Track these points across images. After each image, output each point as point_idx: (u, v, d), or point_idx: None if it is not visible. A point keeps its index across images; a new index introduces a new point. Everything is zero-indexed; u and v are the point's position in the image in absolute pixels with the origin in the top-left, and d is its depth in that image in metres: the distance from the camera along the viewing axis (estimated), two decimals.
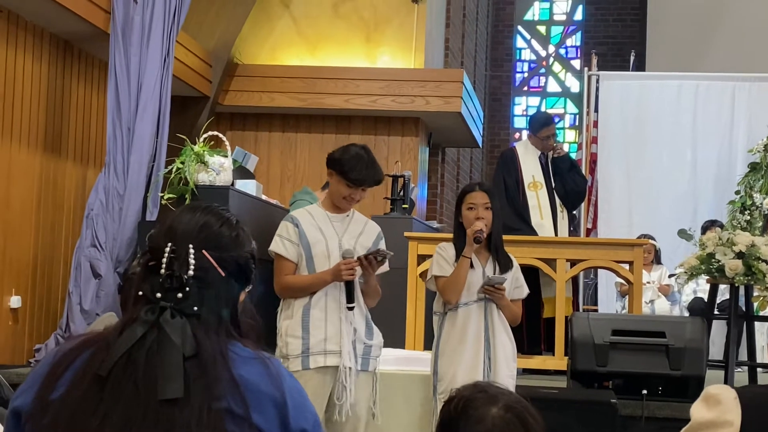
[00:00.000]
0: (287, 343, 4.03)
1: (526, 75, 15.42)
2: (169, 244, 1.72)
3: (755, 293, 5.99)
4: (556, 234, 6.84)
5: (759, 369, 6.03)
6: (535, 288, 6.26)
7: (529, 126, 7.30)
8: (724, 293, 6.94)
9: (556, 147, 7.01)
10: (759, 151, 8.60)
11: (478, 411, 1.82)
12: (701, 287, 7.94)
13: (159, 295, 1.68)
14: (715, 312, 6.53)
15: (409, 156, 9.06)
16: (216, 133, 6.02)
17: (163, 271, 1.70)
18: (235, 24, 8.70)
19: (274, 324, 4.23)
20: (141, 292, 1.70)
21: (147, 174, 6.45)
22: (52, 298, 6.69)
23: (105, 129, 6.59)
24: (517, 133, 14.91)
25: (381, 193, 8.65)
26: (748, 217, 8.29)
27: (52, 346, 6.08)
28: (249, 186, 6.30)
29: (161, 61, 6.63)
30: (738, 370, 6.10)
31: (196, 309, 1.69)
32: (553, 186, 6.95)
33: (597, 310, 9.08)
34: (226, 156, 5.95)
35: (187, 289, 1.69)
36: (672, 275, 8.43)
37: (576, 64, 15.14)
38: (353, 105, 8.89)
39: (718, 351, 6.84)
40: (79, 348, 1.69)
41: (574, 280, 6.90)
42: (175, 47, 6.85)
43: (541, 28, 15.46)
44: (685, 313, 8.20)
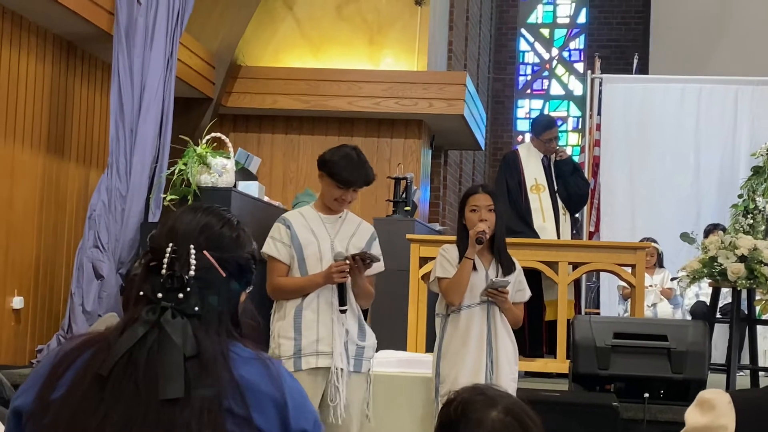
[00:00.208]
0: (279, 345, 4.02)
1: (529, 78, 15.41)
2: (171, 245, 1.72)
3: (757, 297, 5.98)
4: (559, 237, 6.83)
5: (761, 373, 6.02)
6: (537, 291, 6.24)
7: (532, 129, 7.29)
8: (727, 297, 6.93)
9: (558, 150, 7.00)
10: (762, 154, 8.60)
11: (477, 414, 1.82)
12: (704, 291, 7.93)
13: (160, 295, 1.68)
14: (718, 315, 6.52)
15: (412, 158, 9.06)
16: (219, 134, 6.02)
17: (164, 271, 1.70)
18: (238, 26, 8.70)
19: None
20: (142, 292, 1.71)
21: (149, 175, 6.46)
22: (54, 298, 6.69)
23: (108, 130, 6.60)
24: (520, 136, 14.90)
25: (383, 196, 8.66)
26: (751, 221, 8.29)
27: (54, 346, 6.09)
28: (251, 188, 6.29)
29: (164, 62, 6.64)
30: (740, 373, 6.09)
31: (197, 309, 1.69)
32: (555, 189, 6.94)
33: (599, 313, 9.07)
34: (229, 158, 5.95)
35: (188, 289, 1.69)
36: (674, 278, 8.42)
37: (579, 67, 15.13)
38: (356, 107, 8.89)
39: (720, 355, 6.83)
40: (80, 348, 1.69)
41: (577, 283, 6.90)
42: (178, 49, 6.86)
43: (545, 31, 15.45)
44: (688, 317, 8.19)
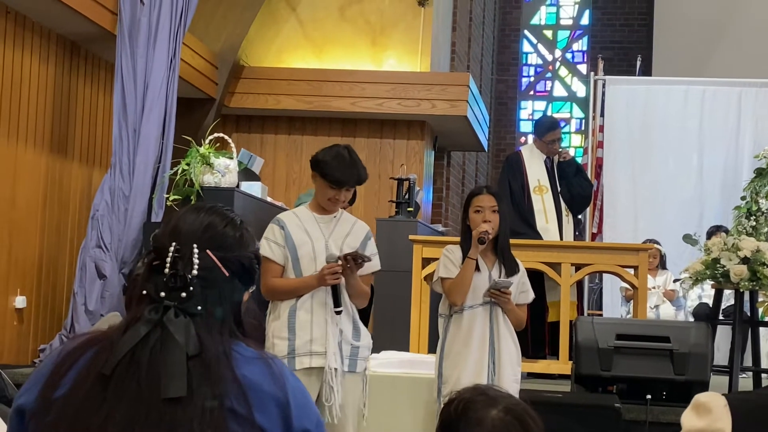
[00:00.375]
0: (274, 345, 4.02)
1: (533, 79, 15.41)
2: (174, 244, 1.72)
3: (760, 299, 5.98)
4: (562, 238, 6.83)
5: (763, 375, 6.02)
6: (540, 292, 6.24)
7: (535, 130, 7.28)
8: (729, 299, 6.93)
9: (561, 152, 7.00)
10: (765, 156, 8.58)
11: (478, 413, 1.82)
12: (706, 293, 7.93)
13: (163, 294, 1.68)
14: (720, 317, 6.52)
15: (415, 159, 9.06)
16: (222, 135, 6.03)
17: (167, 270, 1.70)
18: (241, 26, 8.71)
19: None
20: (145, 292, 1.71)
21: (152, 175, 6.46)
22: (57, 298, 6.70)
23: (111, 130, 6.60)
24: (523, 138, 14.89)
25: (386, 197, 8.66)
26: (754, 223, 8.27)
27: (56, 346, 6.09)
28: (254, 188, 6.30)
29: (168, 62, 6.64)
30: (742, 375, 6.09)
31: (199, 308, 1.69)
32: (558, 190, 6.94)
33: (602, 315, 9.06)
34: (232, 158, 5.95)
35: (191, 288, 1.69)
36: (677, 280, 8.42)
37: (582, 68, 15.13)
38: (359, 108, 8.89)
39: (722, 356, 6.83)
40: (83, 347, 1.69)
41: (579, 284, 6.90)
42: (181, 49, 6.87)
43: (548, 33, 15.45)
44: (690, 319, 8.18)
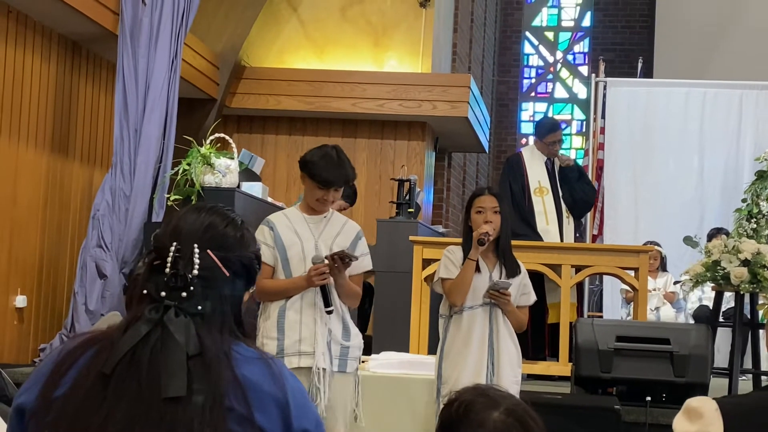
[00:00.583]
0: (263, 345, 4.03)
1: (534, 81, 15.41)
2: (174, 244, 1.72)
3: (760, 301, 5.97)
4: (562, 240, 6.83)
5: (763, 377, 6.01)
6: (540, 293, 6.25)
7: (536, 131, 7.28)
8: (730, 301, 6.93)
9: (563, 158, 6.99)
10: (766, 159, 8.58)
11: (479, 415, 1.82)
12: (707, 295, 7.92)
13: (163, 294, 1.68)
14: (720, 319, 6.52)
15: (416, 160, 9.06)
16: (223, 135, 6.03)
17: (167, 270, 1.70)
18: (243, 27, 8.71)
19: None
20: (145, 291, 1.71)
21: (153, 175, 6.47)
22: (57, 298, 6.70)
23: (112, 130, 6.61)
24: (524, 139, 14.89)
25: (387, 197, 8.66)
26: (755, 225, 8.27)
27: (56, 345, 6.09)
28: (255, 188, 6.30)
29: (169, 62, 6.64)
30: (742, 378, 6.09)
31: (200, 308, 1.69)
32: (559, 192, 6.94)
33: (602, 317, 9.06)
34: (233, 158, 5.96)
35: (192, 288, 1.69)
36: (677, 282, 8.42)
37: (584, 70, 15.12)
38: (360, 109, 8.89)
39: (723, 359, 6.83)
40: (83, 346, 1.70)
41: (579, 286, 6.90)
42: (183, 49, 6.87)
43: (549, 34, 15.45)
44: (690, 321, 8.18)
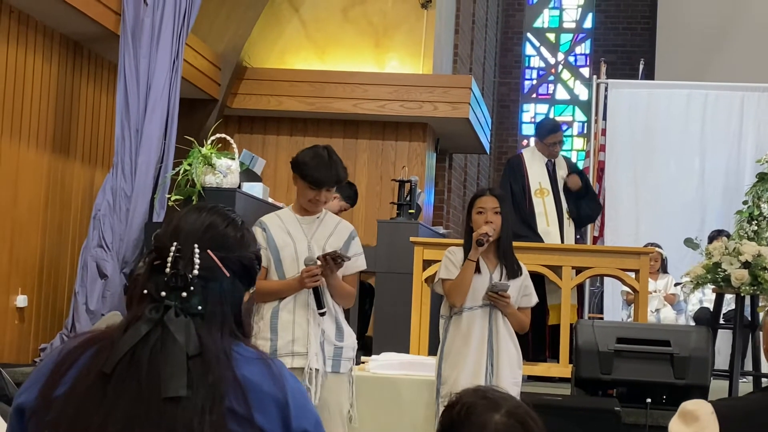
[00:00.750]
0: (257, 345, 4.03)
1: (535, 82, 15.41)
2: (175, 244, 1.72)
3: (761, 303, 5.98)
4: (563, 241, 6.82)
5: (763, 379, 6.01)
6: (541, 295, 6.24)
7: (536, 132, 7.27)
8: (730, 303, 6.93)
9: (571, 181, 6.90)
10: (767, 161, 8.58)
11: (481, 417, 1.82)
12: (707, 297, 7.92)
13: (164, 293, 1.69)
14: (721, 322, 6.51)
15: (417, 161, 9.06)
16: (224, 135, 6.03)
17: (168, 270, 1.70)
18: (244, 27, 8.71)
19: None
20: (146, 291, 1.71)
21: (154, 175, 6.47)
22: (58, 297, 6.70)
23: (113, 130, 6.61)
24: (525, 140, 14.89)
25: (387, 198, 8.66)
26: (756, 228, 8.27)
27: (57, 345, 6.09)
28: (256, 189, 6.30)
29: (170, 63, 6.65)
30: (742, 380, 6.09)
31: (200, 308, 1.69)
32: (560, 193, 6.94)
33: (602, 318, 9.06)
34: (234, 159, 5.96)
35: (192, 288, 1.69)
36: (678, 284, 8.41)
37: (585, 72, 15.13)
38: (361, 110, 8.89)
39: (723, 361, 6.83)
40: (84, 345, 1.70)
41: (580, 287, 6.89)
42: (184, 50, 6.87)
43: (551, 36, 15.45)
44: (691, 323, 8.18)
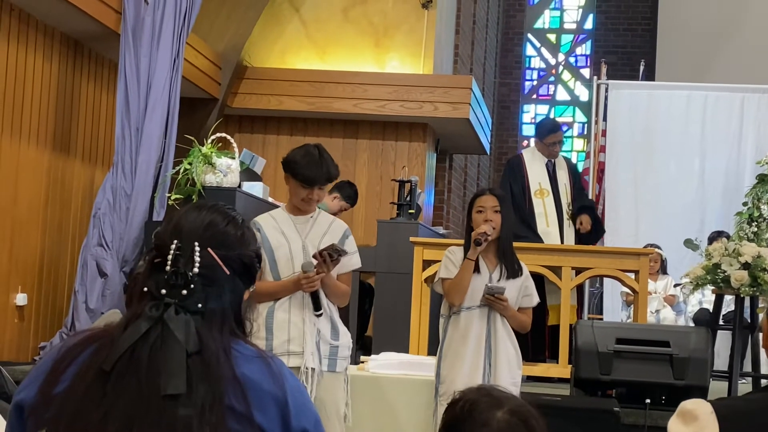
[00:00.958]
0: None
1: (535, 83, 15.42)
2: (175, 242, 1.72)
3: (760, 304, 5.97)
4: (562, 242, 6.82)
5: (763, 380, 6.01)
6: (540, 295, 6.23)
7: (536, 132, 7.26)
8: (730, 304, 6.93)
9: (583, 221, 6.87)
10: (767, 162, 8.59)
11: (484, 414, 1.83)
12: (707, 298, 7.92)
13: (164, 291, 1.68)
14: (720, 323, 6.51)
15: (417, 161, 9.07)
16: (224, 134, 6.03)
17: (168, 268, 1.70)
18: (245, 27, 8.72)
19: None
20: (146, 289, 1.71)
21: (154, 174, 6.47)
22: (58, 296, 6.70)
23: (114, 129, 6.62)
24: (525, 141, 14.89)
25: (387, 198, 8.67)
26: (755, 229, 8.27)
27: (57, 343, 6.09)
28: (256, 188, 6.30)
29: (171, 62, 6.65)
30: (742, 381, 6.09)
31: (200, 306, 1.69)
32: (560, 194, 6.93)
33: (602, 319, 9.06)
34: (234, 158, 5.96)
35: (192, 286, 1.69)
36: (678, 285, 8.42)
37: (585, 72, 15.13)
38: (361, 110, 8.89)
39: (723, 362, 6.83)
40: (83, 343, 1.70)
41: (579, 288, 6.89)
42: (185, 49, 6.88)
43: (551, 37, 15.46)
44: (691, 324, 8.18)
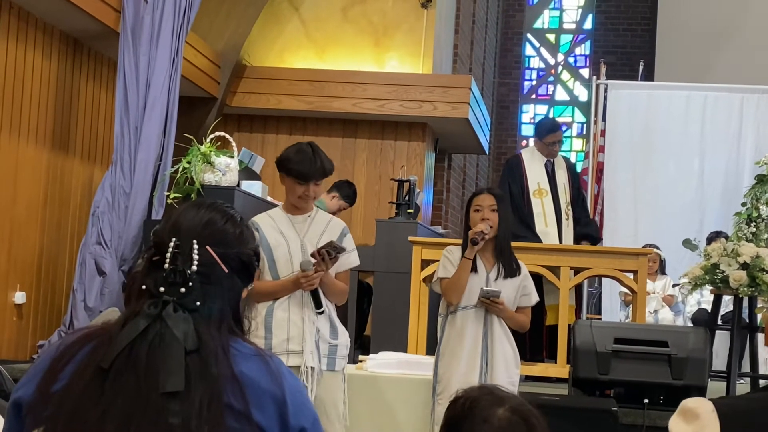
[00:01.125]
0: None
1: (535, 83, 15.42)
2: (174, 240, 1.72)
3: (759, 305, 5.98)
4: (561, 242, 6.82)
5: (761, 380, 6.02)
6: (539, 295, 6.24)
7: (536, 131, 7.25)
8: (728, 304, 6.93)
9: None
10: (766, 163, 8.59)
11: (485, 411, 1.84)
12: (705, 298, 7.92)
13: (162, 289, 1.68)
14: (719, 323, 6.51)
15: (416, 161, 9.06)
16: (223, 133, 6.03)
17: (166, 265, 1.70)
18: (244, 26, 8.72)
19: None
20: (144, 287, 1.71)
21: (153, 173, 6.47)
22: (56, 294, 6.70)
23: (113, 127, 6.62)
24: (524, 141, 14.90)
25: (386, 198, 8.67)
26: (754, 229, 8.28)
27: (55, 341, 6.09)
28: (254, 187, 6.31)
29: (170, 61, 6.65)
30: (740, 381, 6.09)
31: (198, 304, 1.69)
32: (558, 194, 6.93)
33: (600, 319, 9.06)
34: (233, 157, 5.96)
35: (190, 284, 1.69)
36: (676, 285, 8.42)
37: (585, 72, 15.13)
38: (360, 109, 8.89)
39: (721, 362, 6.82)
40: (82, 341, 1.70)
41: (578, 288, 6.89)
42: (184, 48, 6.88)
43: (551, 37, 15.46)
44: (689, 324, 8.18)
